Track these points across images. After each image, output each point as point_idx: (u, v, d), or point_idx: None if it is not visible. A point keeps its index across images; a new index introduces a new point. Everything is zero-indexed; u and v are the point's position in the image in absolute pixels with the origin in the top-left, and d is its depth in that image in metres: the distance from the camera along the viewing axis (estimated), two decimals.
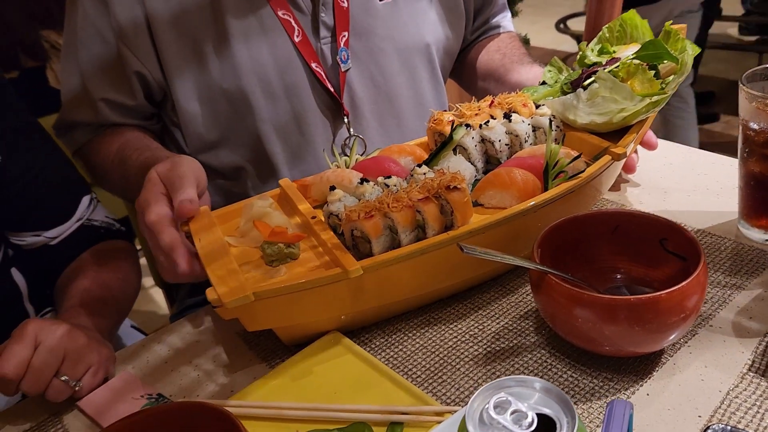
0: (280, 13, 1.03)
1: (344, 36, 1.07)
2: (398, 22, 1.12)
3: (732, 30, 4.05)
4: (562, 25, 4.40)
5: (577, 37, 4.45)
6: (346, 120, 1.10)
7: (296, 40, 1.04)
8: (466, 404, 0.70)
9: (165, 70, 1.03)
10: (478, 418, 0.49)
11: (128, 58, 1.02)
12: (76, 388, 0.77)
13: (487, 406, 0.49)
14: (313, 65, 1.05)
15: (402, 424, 0.68)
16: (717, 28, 4.02)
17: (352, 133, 1.10)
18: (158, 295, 2.58)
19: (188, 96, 1.04)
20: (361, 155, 1.02)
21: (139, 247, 1.45)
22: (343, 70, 1.08)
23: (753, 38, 4.21)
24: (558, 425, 0.48)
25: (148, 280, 2.54)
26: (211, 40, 1.02)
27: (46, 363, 0.75)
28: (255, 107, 1.04)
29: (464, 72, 1.35)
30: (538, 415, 0.48)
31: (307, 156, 1.10)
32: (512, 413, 0.48)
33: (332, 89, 1.07)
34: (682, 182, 1.06)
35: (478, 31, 1.33)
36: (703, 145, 1.17)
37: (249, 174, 1.10)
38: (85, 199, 1.04)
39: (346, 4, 1.07)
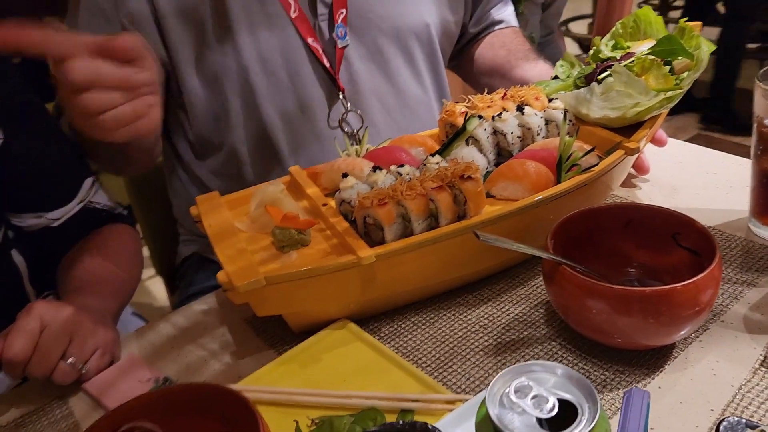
0: None
1: (342, 13, 1.07)
2: (397, 2, 1.12)
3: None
4: (563, 28, 4.41)
5: (579, 40, 4.46)
6: (341, 96, 1.10)
7: (293, 15, 1.04)
8: (476, 393, 0.70)
9: (171, 57, 1.03)
10: (499, 402, 0.49)
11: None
12: (83, 371, 0.76)
13: (507, 389, 0.49)
14: (310, 40, 1.06)
15: (413, 411, 0.67)
16: (714, 33, 4.03)
17: (348, 108, 1.10)
18: (155, 287, 2.56)
19: (192, 77, 1.05)
20: (358, 130, 1.06)
21: (141, 236, 1.44)
22: (339, 46, 1.08)
23: (755, 45, 4.21)
24: (579, 411, 0.47)
25: (146, 271, 2.54)
26: (213, 20, 1.02)
27: (53, 345, 0.75)
28: (258, 88, 1.05)
29: (468, 67, 1.35)
30: (559, 400, 0.48)
31: (311, 137, 1.10)
32: (533, 398, 0.48)
33: (328, 65, 1.07)
34: (692, 180, 1.06)
35: (480, 25, 1.32)
36: None
37: (252, 156, 1.10)
38: (88, 181, 1.03)
39: None
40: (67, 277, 0.97)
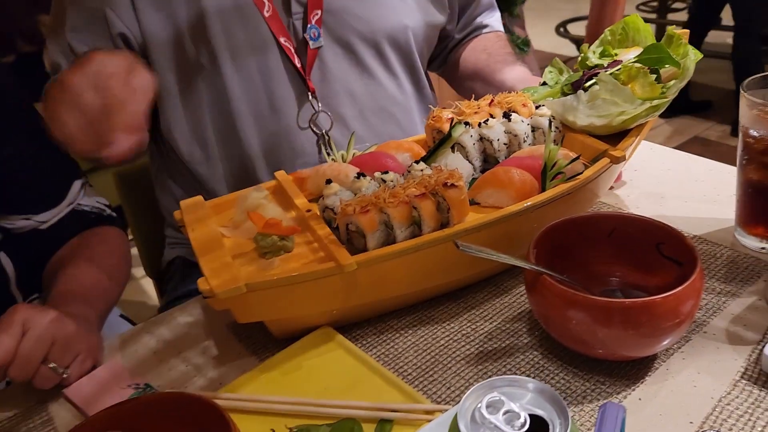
0: None
1: (316, 14, 1.07)
2: (375, 4, 1.12)
3: (731, 40, 4.07)
4: (562, 29, 4.41)
5: (577, 41, 4.46)
6: (310, 96, 1.10)
7: (266, 14, 1.04)
8: (457, 403, 0.69)
9: (144, 36, 1.03)
10: (470, 418, 0.48)
11: (113, 19, 1.01)
12: (64, 376, 0.76)
13: (479, 405, 0.48)
14: (282, 39, 1.05)
15: (392, 421, 0.67)
16: (716, 37, 4.03)
17: (319, 108, 1.10)
18: (147, 286, 2.56)
19: (165, 69, 1.04)
20: (328, 130, 1.06)
21: (131, 237, 1.44)
22: (312, 47, 1.07)
23: None
24: (551, 426, 0.47)
25: (137, 271, 2.53)
26: (185, 10, 1.02)
27: (34, 350, 0.74)
28: (227, 82, 1.05)
29: (452, 71, 1.34)
30: (530, 415, 0.48)
31: (281, 136, 1.10)
32: (505, 413, 0.48)
33: (299, 65, 1.07)
34: (679, 188, 1.06)
35: (465, 30, 1.32)
36: (699, 154, 1.17)
37: (222, 153, 1.11)
38: (77, 184, 1.03)
39: None
40: (53, 281, 0.96)
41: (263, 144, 1.09)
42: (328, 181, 0.84)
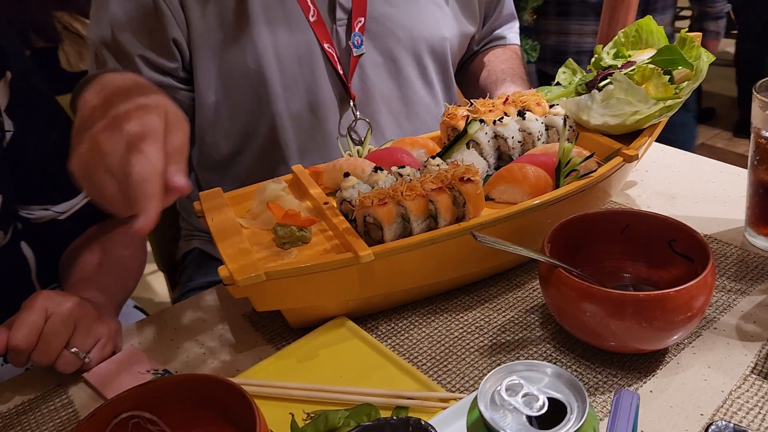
0: None
1: (360, 21, 1.08)
2: (416, 13, 1.13)
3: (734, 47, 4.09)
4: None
5: None
6: (352, 104, 1.11)
7: (311, 20, 1.05)
8: (471, 393, 0.71)
9: (190, 36, 1.02)
10: (490, 400, 0.50)
11: (168, 18, 1.00)
12: (86, 360, 0.78)
13: (498, 388, 0.50)
14: (326, 46, 1.06)
15: (407, 408, 0.69)
16: (722, 44, 4.04)
17: (358, 116, 1.10)
18: (156, 282, 2.58)
19: (208, 77, 1.05)
20: (373, 145, 1.03)
21: None
22: (354, 54, 1.08)
23: None
24: (569, 409, 0.49)
25: (148, 267, 2.55)
26: (232, 13, 1.02)
27: (57, 334, 0.76)
28: (272, 88, 1.05)
29: (464, 82, 1.36)
30: (549, 398, 0.49)
31: (319, 141, 1.11)
32: (523, 396, 0.49)
33: (342, 71, 1.08)
34: (689, 189, 1.07)
35: (482, 41, 1.34)
36: None
37: (258, 155, 1.11)
38: None
39: None
40: (70, 269, 0.98)
41: (300, 146, 1.10)
42: (346, 174, 0.85)
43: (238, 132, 1.10)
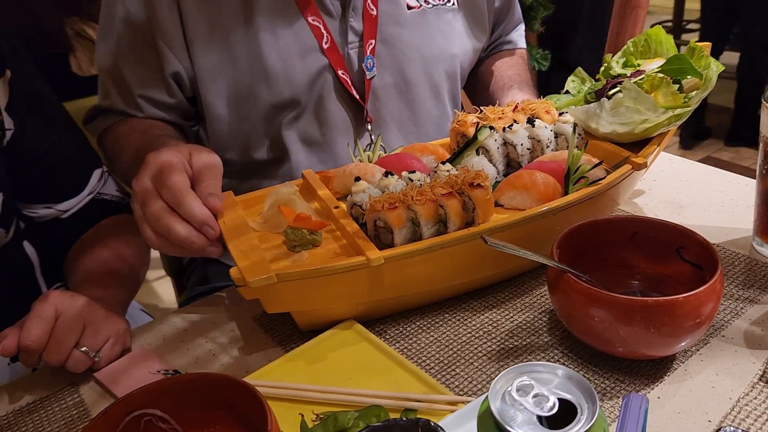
0: (310, 20, 1.04)
1: (371, 44, 1.08)
2: (425, 33, 1.13)
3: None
4: None
5: None
6: (369, 127, 1.11)
7: (325, 47, 1.04)
8: (480, 396, 0.71)
9: (196, 71, 1.04)
10: (501, 399, 0.50)
11: (167, 55, 1.02)
12: (96, 359, 0.78)
13: (509, 388, 0.50)
14: (340, 72, 1.06)
15: (415, 410, 0.69)
16: (729, 58, 4.05)
17: (373, 140, 1.10)
18: (163, 287, 2.59)
19: (217, 96, 1.05)
20: (376, 143, 1.04)
21: None
22: (368, 77, 1.09)
23: None
24: (579, 410, 0.49)
25: (151, 273, 2.56)
26: (243, 45, 1.02)
27: (67, 334, 0.77)
28: (282, 113, 1.05)
29: (470, 87, 1.37)
30: (559, 399, 0.49)
31: (329, 162, 1.11)
32: (534, 396, 0.49)
33: (357, 96, 1.08)
34: (697, 198, 1.08)
35: (490, 46, 1.35)
36: None
37: (268, 174, 1.12)
38: (97, 172, 1.04)
39: (375, 12, 1.08)
40: (75, 268, 0.98)
41: (309, 167, 1.10)
42: (357, 179, 0.86)
43: (248, 156, 1.11)
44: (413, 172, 0.86)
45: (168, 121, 1.10)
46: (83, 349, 0.78)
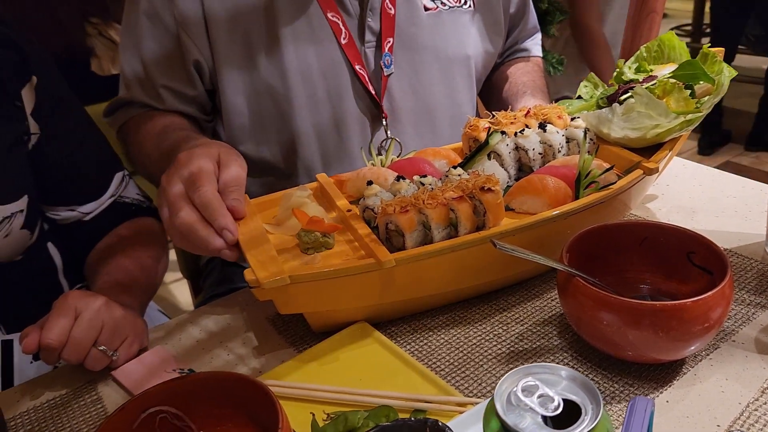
0: (329, 15, 1.06)
1: (389, 42, 1.10)
2: (441, 33, 1.15)
3: (765, 64, 4.05)
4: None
5: None
6: (384, 123, 1.13)
7: (343, 42, 1.07)
8: (488, 398, 0.72)
9: (215, 61, 1.07)
10: (506, 400, 0.51)
11: (188, 46, 1.05)
12: (114, 358, 0.80)
13: (515, 389, 0.51)
14: (357, 68, 1.08)
15: (425, 411, 0.70)
16: (749, 62, 4.01)
17: (389, 135, 1.12)
18: (179, 290, 2.62)
19: (234, 89, 1.08)
20: (397, 157, 1.05)
21: (169, 237, 1.48)
22: (385, 74, 1.10)
23: None
24: (583, 411, 0.50)
25: (169, 275, 2.59)
26: (262, 38, 1.05)
27: (86, 333, 0.79)
28: (297, 106, 1.07)
29: (485, 93, 1.38)
30: (564, 400, 0.50)
31: (343, 157, 1.13)
32: (539, 397, 0.50)
33: (374, 92, 1.10)
34: (710, 204, 1.07)
35: (505, 53, 1.36)
36: None
37: (282, 169, 1.13)
38: (118, 176, 1.07)
39: (392, 11, 1.10)
40: (97, 270, 1.00)
41: (323, 161, 1.12)
42: (369, 183, 0.87)
43: (262, 149, 1.13)
44: (425, 176, 0.87)
45: (187, 115, 1.11)
46: (101, 347, 0.79)
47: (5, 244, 0.92)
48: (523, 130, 0.96)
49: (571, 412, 0.50)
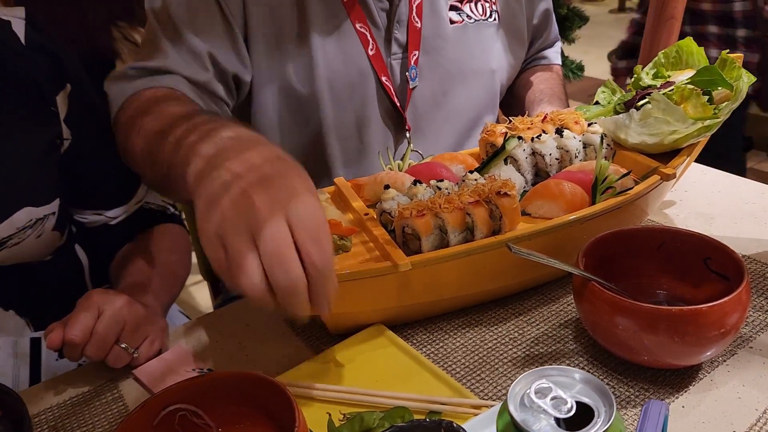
0: (357, 26, 1.07)
1: (415, 54, 1.11)
2: (466, 47, 1.16)
3: None
4: (614, 57, 4.39)
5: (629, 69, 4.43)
6: (408, 135, 1.13)
7: (370, 53, 1.08)
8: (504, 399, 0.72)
9: (251, 54, 1.04)
10: (519, 402, 0.52)
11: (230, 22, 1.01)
12: (135, 356, 0.82)
13: (528, 390, 0.52)
14: (384, 79, 1.09)
15: (440, 413, 0.70)
16: None
17: (412, 148, 1.12)
18: (199, 292, 2.65)
19: (263, 84, 1.07)
20: (406, 153, 1.07)
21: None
22: (411, 86, 1.11)
23: None
24: (596, 413, 0.50)
25: (190, 277, 2.62)
26: (294, 41, 1.05)
27: (109, 330, 0.80)
28: (322, 111, 1.08)
29: (504, 100, 1.38)
30: (577, 402, 0.51)
31: (365, 166, 1.14)
32: (552, 399, 0.51)
33: (398, 104, 1.11)
34: (729, 209, 1.07)
35: (526, 61, 1.36)
36: None
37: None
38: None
39: (419, 24, 1.10)
40: (121, 273, 1.03)
41: (344, 166, 1.13)
42: (386, 187, 0.88)
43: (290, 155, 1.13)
44: (441, 180, 0.88)
45: (213, 93, 1.02)
46: (123, 345, 0.81)
47: (37, 244, 0.94)
48: (540, 135, 0.97)
49: (584, 414, 0.50)
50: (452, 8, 1.14)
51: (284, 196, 0.60)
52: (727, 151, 2.27)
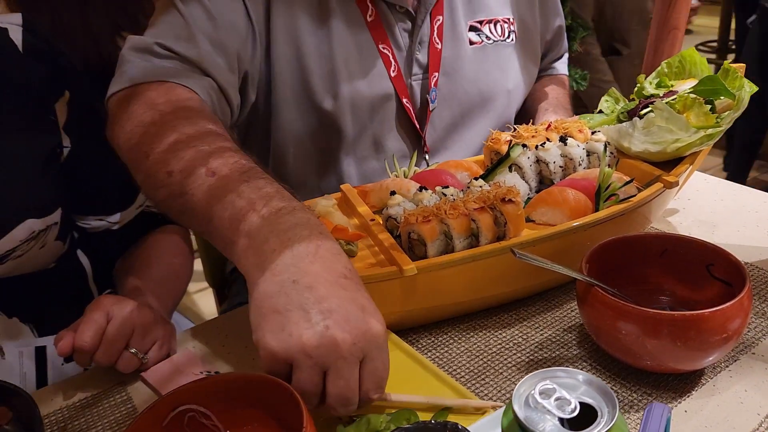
0: (380, 47, 1.07)
1: (435, 76, 1.11)
2: (485, 68, 1.16)
3: None
4: None
5: None
6: (426, 156, 1.14)
7: (392, 74, 1.08)
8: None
9: (271, 72, 1.03)
10: (524, 402, 0.52)
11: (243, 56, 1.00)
12: (144, 360, 0.83)
13: (533, 391, 0.52)
14: (404, 101, 1.09)
15: (446, 415, 0.71)
16: None
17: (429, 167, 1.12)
18: (204, 299, 2.66)
19: (288, 103, 1.06)
20: (412, 159, 1.07)
21: (195, 247, 1.52)
22: (431, 108, 1.12)
23: None
24: (599, 414, 0.51)
25: (195, 285, 2.64)
26: (318, 59, 1.04)
27: (119, 335, 0.81)
28: (342, 130, 1.08)
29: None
30: (580, 403, 0.51)
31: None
32: (556, 399, 0.52)
33: (418, 126, 1.12)
34: (732, 218, 1.08)
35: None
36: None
37: (316, 182, 1.14)
38: None
39: (440, 46, 1.11)
40: (125, 276, 1.03)
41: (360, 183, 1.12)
42: (392, 193, 0.90)
43: (301, 168, 1.12)
44: (447, 187, 0.89)
45: (228, 100, 0.99)
46: (132, 350, 0.82)
47: (40, 255, 0.95)
48: (544, 143, 0.98)
49: (587, 414, 0.51)
50: (471, 29, 1.15)
51: (360, 332, 0.64)
52: None
